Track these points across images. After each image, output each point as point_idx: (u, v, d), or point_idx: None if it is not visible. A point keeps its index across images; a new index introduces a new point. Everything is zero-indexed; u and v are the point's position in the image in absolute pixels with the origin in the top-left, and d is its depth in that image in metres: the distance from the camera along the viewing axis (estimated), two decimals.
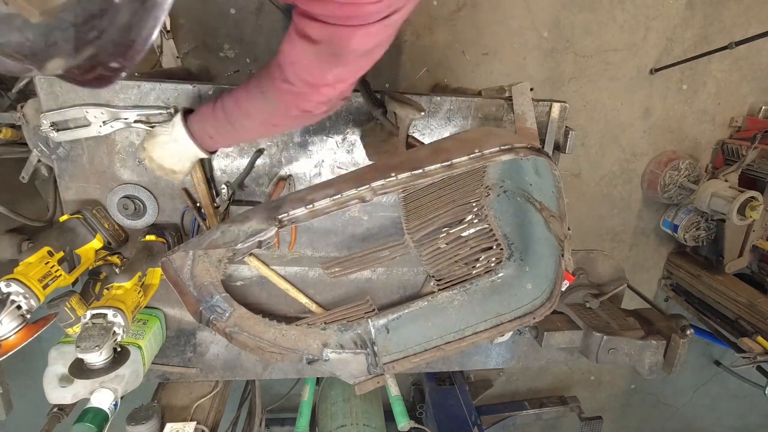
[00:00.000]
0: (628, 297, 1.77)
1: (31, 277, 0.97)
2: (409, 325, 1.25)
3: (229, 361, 1.47)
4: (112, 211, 1.24)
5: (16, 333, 0.95)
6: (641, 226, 3.17)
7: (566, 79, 2.75)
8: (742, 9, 2.77)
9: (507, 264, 1.25)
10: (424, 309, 1.26)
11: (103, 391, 1.13)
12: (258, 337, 1.09)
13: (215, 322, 1.06)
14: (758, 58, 2.88)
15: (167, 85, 1.16)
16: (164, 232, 1.25)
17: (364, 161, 1.33)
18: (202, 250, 1.02)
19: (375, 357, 1.18)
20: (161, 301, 1.37)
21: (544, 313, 1.15)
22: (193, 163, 1.08)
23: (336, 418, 2.08)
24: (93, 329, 0.95)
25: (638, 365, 1.50)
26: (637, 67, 2.79)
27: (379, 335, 1.22)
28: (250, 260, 1.33)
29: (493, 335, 1.20)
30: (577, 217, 3.05)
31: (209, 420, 1.42)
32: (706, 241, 2.95)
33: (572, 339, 1.52)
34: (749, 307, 2.62)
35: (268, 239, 0.93)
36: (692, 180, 2.82)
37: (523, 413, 3.00)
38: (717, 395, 3.82)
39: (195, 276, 1.04)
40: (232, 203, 1.28)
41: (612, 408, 3.72)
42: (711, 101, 2.94)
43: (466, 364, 1.67)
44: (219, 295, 1.07)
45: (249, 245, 0.99)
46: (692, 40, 2.78)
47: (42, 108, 1.11)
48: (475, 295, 1.25)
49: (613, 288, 1.64)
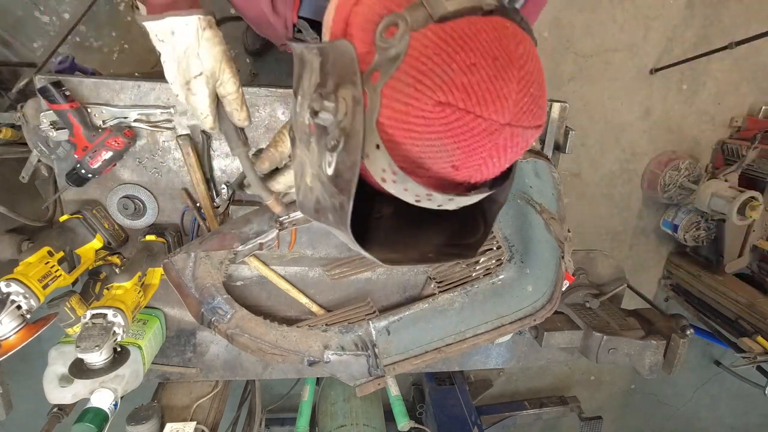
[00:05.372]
0: (628, 297, 1.77)
1: (31, 277, 0.97)
2: (410, 327, 1.25)
3: (229, 361, 1.47)
4: (112, 211, 1.24)
5: (16, 333, 0.95)
6: (641, 226, 3.17)
7: (566, 79, 2.75)
8: (742, 9, 2.77)
9: (507, 266, 1.25)
10: (425, 311, 1.26)
11: (103, 391, 1.13)
12: (259, 339, 1.10)
13: (217, 324, 1.06)
14: (758, 58, 2.88)
15: (167, 85, 1.15)
16: (164, 232, 1.25)
17: None
18: (203, 252, 1.02)
19: (376, 359, 1.18)
20: (161, 301, 1.37)
21: (544, 315, 1.15)
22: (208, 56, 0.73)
23: (336, 418, 2.08)
24: (93, 329, 0.95)
25: (638, 365, 1.50)
26: (637, 67, 2.79)
27: (380, 337, 1.22)
28: (251, 260, 1.33)
29: (493, 337, 1.20)
30: (577, 217, 3.05)
31: (209, 420, 1.42)
32: (706, 241, 2.95)
33: (572, 339, 1.52)
34: (749, 307, 2.62)
35: (269, 241, 0.93)
36: (692, 180, 2.82)
37: (523, 413, 3.00)
38: (717, 395, 3.82)
39: (197, 278, 1.04)
40: (232, 203, 1.27)
41: (612, 408, 3.73)
42: (711, 101, 2.94)
43: (466, 364, 1.67)
44: (220, 297, 1.07)
45: (250, 247, 1.00)
46: (692, 40, 2.78)
47: (42, 108, 1.11)
48: (476, 297, 1.25)
49: (613, 288, 1.64)
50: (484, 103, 0.44)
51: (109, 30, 2.21)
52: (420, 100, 0.45)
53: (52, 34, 2.15)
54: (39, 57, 2.01)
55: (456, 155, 0.47)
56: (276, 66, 2.39)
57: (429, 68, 0.44)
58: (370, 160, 0.47)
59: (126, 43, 2.25)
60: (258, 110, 1.23)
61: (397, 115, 0.46)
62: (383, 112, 0.47)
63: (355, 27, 0.52)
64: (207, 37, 0.72)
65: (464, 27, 0.45)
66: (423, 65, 0.44)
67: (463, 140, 0.46)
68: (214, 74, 0.75)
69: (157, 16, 0.69)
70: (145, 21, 0.70)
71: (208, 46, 0.72)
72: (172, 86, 0.77)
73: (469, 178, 0.51)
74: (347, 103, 0.48)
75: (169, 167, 1.23)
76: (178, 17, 0.69)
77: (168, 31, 0.70)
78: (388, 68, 0.46)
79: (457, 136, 0.45)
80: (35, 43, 2.17)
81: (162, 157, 1.22)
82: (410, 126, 0.46)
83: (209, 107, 0.77)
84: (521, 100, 0.46)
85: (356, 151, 0.46)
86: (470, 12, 0.45)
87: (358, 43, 0.50)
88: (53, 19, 2.15)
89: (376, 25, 0.48)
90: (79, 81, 1.12)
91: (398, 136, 0.47)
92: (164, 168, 1.23)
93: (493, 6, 0.46)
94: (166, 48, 0.72)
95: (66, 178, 1.14)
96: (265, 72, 2.40)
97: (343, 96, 0.48)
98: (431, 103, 0.44)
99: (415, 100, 0.45)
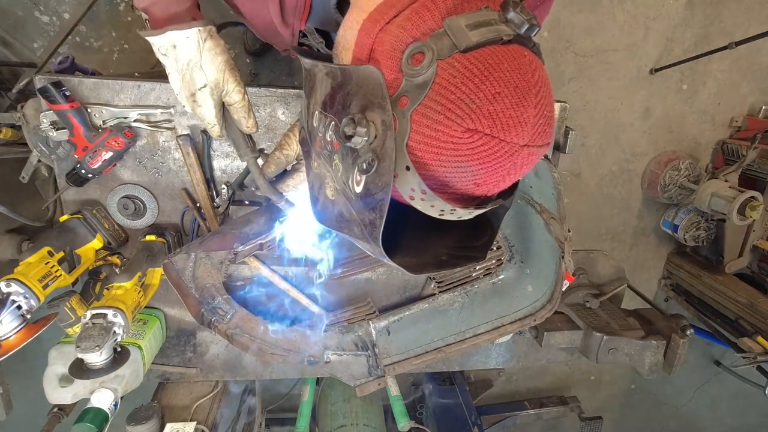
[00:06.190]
0: (628, 297, 1.77)
1: (31, 277, 0.97)
2: (410, 327, 1.25)
3: (229, 361, 1.47)
4: (112, 211, 1.24)
5: (16, 333, 0.95)
6: (641, 226, 3.17)
7: (566, 79, 2.75)
8: (742, 9, 2.77)
9: (508, 266, 1.25)
10: (425, 311, 1.26)
11: (103, 391, 1.13)
12: (259, 339, 1.09)
13: (217, 324, 1.06)
14: (758, 58, 2.88)
15: (167, 85, 1.15)
16: (164, 232, 1.25)
17: None
18: (203, 252, 1.02)
19: (376, 359, 1.18)
20: (161, 301, 1.37)
21: (544, 315, 1.15)
22: (210, 65, 0.74)
23: (336, 418, 2.08)
24: (93, 329, 0.95)
25: (638, 365, 1.50)
26: (637, 67, 2.79)
27: (380, 337, 1.22)
28: (250, 260, 1.33)
29: (493, 337, 1.20)
30: (577, 217, 3.05)
31: (209, 420, 1.42)
32: (706, 241, 2.95)
33: (572, 339, 1.52)
34: (749, 307, 2.63)
35: (269, 241, 0.93)
36: (692, 180, 2.82)
37: (523, 413, 3.00)
38: (717, 395, 3.82)
39: (197, 278, 1.04)
40: (232, 203, 1.28)
41: (612, 408, 3.73)
42: (711, 101, 2.94)
43: (466, 364, 1.67)
44: (220, 297, 1.06)
45: (250, 247, 1.00)
46: (692, 40, 2.78)
47: (42, 108, 1.11)
48: (476, 297, 1.25)
49: (613, 288, 1.64)
50: (507, 129, 0.48)
51: (109, 30, 2.22)
52: (450, 127, 0.48)
53: (52, 34, 2.15)
54: (39, 57, 2.01)
55: (479, 175, 0.51)
56: (276, 66, 2.40)
57: (457, 96, 0.47)
58: (399, 180, 0.50)
59: (126, 43, 2.25)
60: (258, 110, 1.23)
61: (426, 140, 0.49)
62: (413, 136, 0.50)
63: (380, 53, 0.55)
64: (208, 47, 0.73)
65: (487, 57, 0.48)
66: (451, 93, 0.47)
67: (486, 162, 0.49)
68: (219, 85, 0.76)
69: (159, 31, 0.70)
70: (148, 36, 0.72)
71: (210, 57, 0.73)
72: (177, 97, 0.78)
73: (487, 192, 0.55)
74: (377, 126, 0.51)
75: (169, 167, 1.23)
76: (179, 31, 0.70)
77: (170, 45, 0.71)
78: (417, 95, 0.49)
79: (482, 158, 0.49)
80: (35, 43, 2.17)
81: (162, 157, 1.22)
82: (439, 150, 0.49)
83: (216, 117, 0.79)
84: (537, 123, 0.50)
85: (388, 172, 0.49)
86: (491, 42, 0.48)
87: (385, 69, 0.53)
88: (53, 19, 2.15)
89: (402, 52, 0.51)
90: (79, 81, 1.12)
91: (427, 158, 0.50)
92: (164, 168, 1.23)
93: (512, 36, 0.50)
94: (169, 61, 0.74)
95: (66, 178, 1.14)
96: (265, 72, 2.41)
97: (371, 119, 0.51)
98: (460, 130, 0.47)
99: (445, 126, 0.48)
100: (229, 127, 0.83)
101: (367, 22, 0.58)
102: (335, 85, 0.59)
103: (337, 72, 0.59)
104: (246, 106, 0.80)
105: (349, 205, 0.59)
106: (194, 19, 0.71)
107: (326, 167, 0.64)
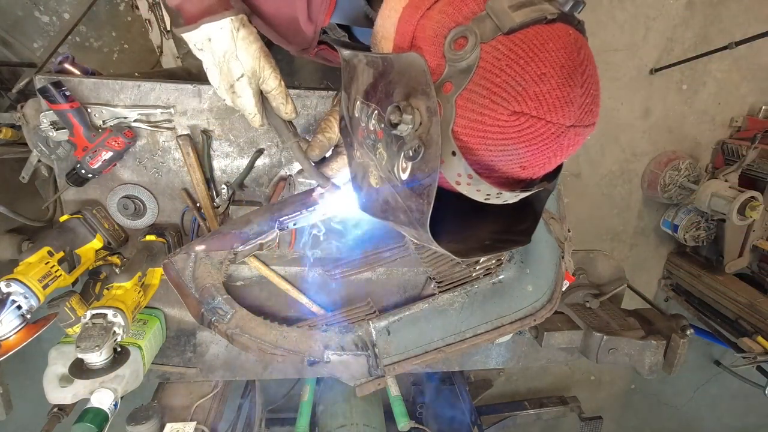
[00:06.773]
0: (628, 297, 1.77)
1: (31, 277, 0.97)
2: (410, 327, 1.25)
3: (229, 361, 1.47)
4: (112, 211, 1.24)
5: (16, 333, 0.95)
6: (641, 226, 3.17)
7: None
8: (742, 9, 2.77)
9: (507, 266, 1.25)
10: (425, 311, 1.26)
11: (103, 391, 1.13)
12: (259, 339, 1.09)
13: (217, 324, 1.06)
14: (758, 58, 2.89)
15: (167, 85, 1.16)
16: (164, 232, 1.25)
17: None
18: (203, 252, 1.02)
19: (376, 359, 1.18)
20: (161, 301, 1.37)
21: (544, 315, 1.15)
22: (246, 56, 0.74)
23: (336, 418, 2.08)
24: (93, 329, 0.95)
25: (638, 365, 1.50)
26: (637, 67, 2.79)
27: (380, 337, 1.22)
28: (250, 260, 1.33)
29: (493, 337, 1.20)
30: (577, 217, 3.05)
31: (209, 420, 1.42)
32: (706, 241, 2.95)
33: (572, 339, 1.52)
34: (749, 307, 2.63)
35: (269, 241, 0.93)
36: (692, 180, 2.82)
37: (523, 413, 3.00)
38: (717, 395, 3.82)
39: (197, 278, 1.04)
40: (232, 203, 1.27)
41: (612, 408, 3.73)
42: (711, 101, 2.94)
43: (466, 364, 1.67)
44: (221, 297, 1.06)
45: (250, 247, 0.99)
46: (692, 40, 2.78)
47: (42, 108, 1.11)
48: (476, 297, 1.25)
49: (613, 288, 1.64)
50: (554, 110, 0.47)
51: (109, 30, 2.22)
52: (496, 111, 0.47)
53: (52, 34, 2.15)
54: (39, 57, 2.01)
55: (525, 157, 0.50)
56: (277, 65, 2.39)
57: (503, 80, 0.47)
58: (445, 165, 0.50)
59: (126, 43, 2.25)
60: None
61: (472, 124, 0.49)
62: (458, 121, 0.49)
63: (422, 40, 0.54)
64: (242, 36, 0.73)
65: (532, 38, 0.47)
66: (496, 77, 0.47)
67: (533, 144, 0.49)
68: (255, 73, 0.76)
69: (193, 26, 0.70)
70: (183, 32, 0.72)
71: (245, 45, 0.73)
72: (217, 91, 0.78)
73: (533, 175, 0.55)
74: (421, 113, 0.50)
75: (169, 167, 1.23)
76: (212, 23, 0.70)
77: (205, 39, 0.72)
78: (461, 80, 0.48)
79: (529, 141, 0.48)
80: (35, 43, 2.17)
81: (162, 157, 1.22)
82: (485, 134, 0.49)
83: (256, 106, 0.79)
84: (584, 102, 0.49)
85: (435, 159, 0.49)
86: (536, 22, 0.48)
87: (428, 55, 0.52)
88: (53, 19, 2.15)
89: (444, 38, 0.51)
90: (79, 81, 1.12)
91: (472, 143, 0.50)
92: (164, 168, 1.23)
93: (556, 14, 0.49)
94: (206, 56, 0.74)
95: (66, 178, 1.14)
96: None
97: (416, 106, 0.51)
98: (506, 113, 0.47)
99: (491, 110, 0.47)
100: (269, 114, 0.83)
101: (408, 9, 0.57)
102: (377, 74, 0.59)
103: (378, 61, 0.58)
104: (283, 92, 0.80)
105: (395, 193, 0.59)
106: (226, 10, 0.71)
107: (369, 156, 0.64)
